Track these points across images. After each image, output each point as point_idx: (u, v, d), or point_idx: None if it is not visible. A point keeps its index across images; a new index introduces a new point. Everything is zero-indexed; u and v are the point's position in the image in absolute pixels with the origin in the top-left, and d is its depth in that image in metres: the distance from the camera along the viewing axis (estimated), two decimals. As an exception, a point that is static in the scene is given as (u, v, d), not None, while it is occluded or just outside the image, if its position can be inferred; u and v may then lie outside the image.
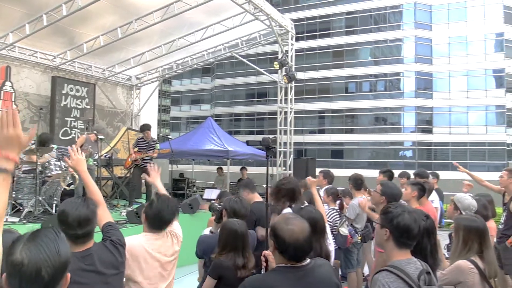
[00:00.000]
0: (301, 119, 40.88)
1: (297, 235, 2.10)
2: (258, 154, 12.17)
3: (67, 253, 1.45)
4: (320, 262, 2.30)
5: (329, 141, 41.78)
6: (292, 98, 11.79)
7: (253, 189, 4.75)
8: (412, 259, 2.22)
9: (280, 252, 2.13)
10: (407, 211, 2.27)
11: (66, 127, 11.02)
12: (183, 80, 54.76)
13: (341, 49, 41.74)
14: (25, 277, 1.36)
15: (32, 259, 1.37)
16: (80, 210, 2.25)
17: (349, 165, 36.85)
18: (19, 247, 1.39)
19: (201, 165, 29.03)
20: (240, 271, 3.00)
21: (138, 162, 8.80)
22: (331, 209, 5.50)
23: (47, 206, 7.53)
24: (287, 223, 2.15)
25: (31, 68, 10.68)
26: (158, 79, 14.12)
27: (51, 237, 1.45)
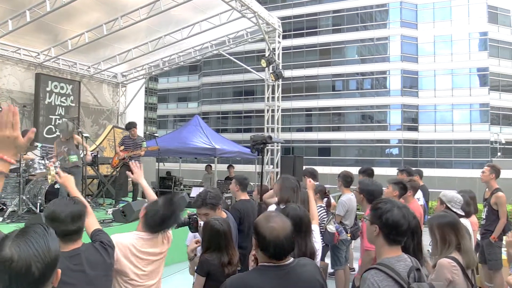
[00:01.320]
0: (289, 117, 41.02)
1: (277, 233, 2.08)
2: (245, 152, 12.16)
3: (57, 248, 1.44)
4: (304, 261, 2.29)
5: (316, 139, 42.00)
6: (279, 96, 11.80)
7: (245, 187, 4.75)
8: (402, 256, 2.22)
9: (261, 250, 2.12)
10: (396, 207, 2.26)
11: (50, 125, 10.87)
12: (170, 78, 54.45)
13: (328, 47, 41.94)
14: (14, 273, 1.33)
15: (21, 255, 1.35)
16: (72, 207, 2.26)
17: (336, 163, 37.11)
18: (8, 244, 1.37)
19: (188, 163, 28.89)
20: (226, 268, 3.02)
21: (125, 160, 8.71)
22: (319, 206, 5.51)
23: (31, 205, 7.41)
24: (268, 221, 2.14)
25: (14, 65, 10.49)
26: (145, 76, 14.01)
27: (40, 232, 1.43)
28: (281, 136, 11.94)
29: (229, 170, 13.01)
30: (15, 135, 1.57)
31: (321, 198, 5.63)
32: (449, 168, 36.16)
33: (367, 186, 4.12)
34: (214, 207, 3.59)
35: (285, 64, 13.60)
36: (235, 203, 4.87)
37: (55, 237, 1.47)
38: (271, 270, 2.10)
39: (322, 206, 5.55)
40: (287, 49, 36.97)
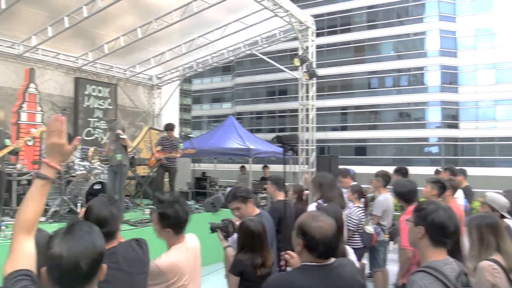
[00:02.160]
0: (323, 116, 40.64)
1: (325, 232, 2.09)
2: (280, 152, 12.12)
3: (102, 244, 1.52)
4: (345, 261, 2.29)
5: (352, 138, 41.40)
6: (314, 95, 11.69)
7: (282, 187, 4.72)
8: (449, 260, 2.15)
9: (309, 250, 2.11)
10: (441, 208, 2.21)
11: (89, 127, 11.22)
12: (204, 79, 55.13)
13: (363, 44, 41.27)
14: (65, 269, 1.42)
15: (70, 251, 1.43)
16: (101, 211, 2.29)
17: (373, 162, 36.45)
18: (56, 242, 1.46)
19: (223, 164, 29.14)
20: (259, 270, 3.03)
21: (162, 161, 8.88)
22: (356, 206, 5.43)
23: (72, 205, 7.68)
24: (315, 220, 2.14)
25: (54, 69, 10.89)
26: (179, 78, 14.22)
27: (86, 230, 1.52)
28: (316, 135, 11.83)
29: (264, 171, 13.02)
30: (62, 142, 1.65)
31: (359, 198, 5.54)
32: (492, 167, 34.79)
33: (399, 188, 4.07)
34: (245, 200, 3.62)
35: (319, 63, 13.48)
36: (273, 203, 4.86)
37: (99, 233, 1.55)
38: (315, 270, 2.10)
39: (360, 207, 5.45)
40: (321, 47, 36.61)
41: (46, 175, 1.62)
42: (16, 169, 7.59)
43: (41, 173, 1.63)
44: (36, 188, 1.61)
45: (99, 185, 8.10)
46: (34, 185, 1.62)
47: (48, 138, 1.65)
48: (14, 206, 7.27)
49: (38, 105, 9.34)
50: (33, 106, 9.23)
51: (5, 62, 9.76)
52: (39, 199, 1.61)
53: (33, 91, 9.29)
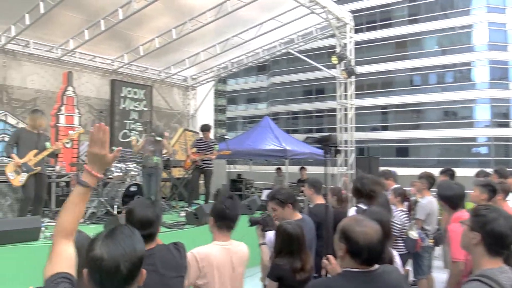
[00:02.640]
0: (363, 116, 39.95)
1: (371, 237, 2.05)
2: (317, 153, 12.03)
3: (142, 248, 1.57)
4: (390, 268, 2.24)
5: (393, 138, 40.53)
6: (352, 93, 11.54)
7: (319, 190, 4.69)
8: (504, 268, 2.07)
9: (352, 255, 2.08)
10: (503, 217, 2.12)
11: (125, 129, 11.52)
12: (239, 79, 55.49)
13: (404, 39, 40.32)
14: (105, 272, 1.47)
15: (111, 254, 1.49)
16: (145, 212, 2.37)
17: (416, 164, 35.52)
18: (98, 244, 1.52)
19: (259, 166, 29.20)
20: (298, 274, 3.00)
21: (197, 163, 9.00)
22: (399, 210, 5.30)
23: (109, 207, 7.91)
24: (360, 225, 2.10)
25: (91, 72, 11.26)
26: (214, 78, 14.38)
27: (127, 233, 1.57)
28: (355, 136, 11.67)
29: (301, 172, 12.95)
30: (104, 152, 1.73)
31: (402, 201, 5.42)
32: (549, 168, 33.14)
33: (444, 191, 3.86)
34: (282, 204, 3.63)
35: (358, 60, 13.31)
36: (311, 207, 4.84)
37: (140, 237, 1.60)
38: (357, 276, 2.06)
39: (403, 211, 5.33)
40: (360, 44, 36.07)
41: (87, 182, 1.71)
42: (55, 171, 7.90)
43: (82, 180, 1.72)
44: (76, 194, 1.70)
45: (135, 187, 8.31)
46: (75, 191, 1.71)
47: (90, 147, 1.73)
48: (53, 208, 7.57)
49: (75, 107, 9.68)
50: (71, 109, 9.57)
51: (44, 66, 10.19)
52: (79, 205, 1.69)
53: (70, 94, 9.64)
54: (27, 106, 9.70)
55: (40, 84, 10.09)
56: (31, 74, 9.98)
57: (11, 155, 6.51)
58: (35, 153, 6.64)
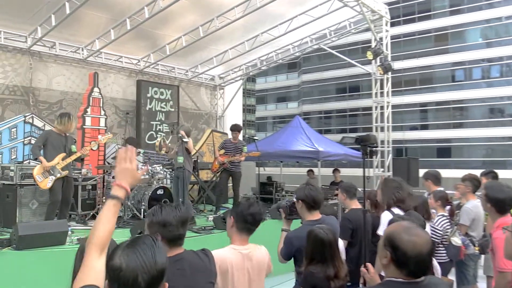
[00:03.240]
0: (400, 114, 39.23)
1: (420, 248, 1.97)
2: (352, 154, 11.90)
3: (163, 261, 1.57)
4: (435, 280, 2.18)
5: (434, 138, 39.63)
6: (389, 90, 11.38)
7: (353, 195, 4.64)
8: None
9: (398, 265, 2.02)
10: None
11: (152, 131, 11.71)
12: (268, 77, 55.52)
13: (445, 32, 39.36)
14: (123, 282, 1.50)
15: (129, 264, 1.51)
16: (181, 211, 2.42)
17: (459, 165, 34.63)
18: (118, 253, 1.55)
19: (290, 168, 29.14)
20: (333, 282, 2.97)
21: (226, 165, 9.04)
22: (440, 215, 5.17)
23: (135, 211, 8.05)
24: (408, 233, 2.03)
25: (117, 73, 11.51)
26: (242, 77, 14.45)
27: (148, 244, 1.58)
28: (392, 136, 11.50)
29: (335, 175, 12.82)
30: (132, 168, 1.88)
31: (443, 206, 5.28)
32: None
33: (495, 193, 3.68)
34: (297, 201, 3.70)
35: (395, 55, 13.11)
36: (345, 212, 4.79)
37: (163, 250, 1.60)
38: (402, 287, 2.01)
39: (445, 216, 5.19)
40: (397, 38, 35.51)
41: (117, 195, 1.78)
42: (81, 174, 8.09)
43: (113, 193, 1.79)
44: (108, 208, 1.76)
45: (161, 190, 8.41)
46: (106, 205, 1.77)
47: (119, 164, 1.86)
48: (80, 211, 7.75)
49: (101, 109, 9.88)
50: (97, 110, 9.77)
51: (69, 67, 10.49)
52: (111, 218, 1.74)
53: (97, 95, 9.85)
54: (53, 108, 10.01)
55: (66, 85, 10.39)
56: (57, 75, 10.30)
57: (39, 158, 6.70)
58: (63, 156, 6.83)
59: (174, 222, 2.35)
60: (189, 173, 8.26)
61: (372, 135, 4.62)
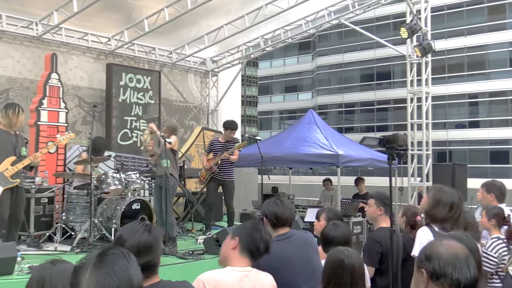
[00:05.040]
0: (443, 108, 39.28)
1: (473, 275, 2.06)
2: (381, 159, 11.88)
3: (140, 280, 1.59)
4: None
5: (487, 139, 39.60)
6: (429, 78, 11.37)
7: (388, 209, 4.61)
8: None
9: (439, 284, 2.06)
10: None
11: (126, 128, 11.67)
12: (274, 61, 55.59)
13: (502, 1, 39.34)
14: None
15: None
16: (141, 236, 2.41)
17: (519, 173, 34.62)
18: (85, 277, 1.54)
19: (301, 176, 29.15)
20: None
21: (213, 170, 9.04)
22: (495, 238, 5.16)
23: (104, 230, 8.05)
24: (449, 246, 2.13)
25: (81, 54, 11.49)
26: (241, 61, 14.43)
27: (121, 263, 1.58)
28: (433, 135, 11.45)
29: (358, 185, 12.80)
30: None
31: (498, 226, 5.27)
32: None
33: None
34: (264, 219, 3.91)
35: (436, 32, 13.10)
36: (372, 232, 4.78)
37: (137, 266, 1.61)
38: None
39: (500, 238, 5.18)
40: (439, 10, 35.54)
41: None
42: (34, 184, 8.05)
43: None
44: None
45: (137, 204, 8.40)
46: None
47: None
48: (32, 232, 7.72)
49: (61, 100, 9.86)
50: (55, 103, 9.74)
51: (20, 47, 10.45)
52: None
53: (55, 83, 9.82)
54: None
55: (14, 70, 10.33)
56: (3, 57, 10.23)
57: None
58: (12, 160, 6.73)
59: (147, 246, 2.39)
60: (175, 181, 8.25)
61: (401, 135, 4.61)
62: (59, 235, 7.82)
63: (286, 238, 3.75)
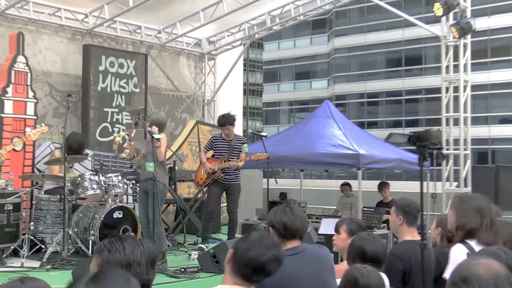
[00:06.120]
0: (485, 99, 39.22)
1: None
2: (410, 160, 11.88)
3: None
4: None
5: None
6: (468, 63, 11.34)
7: (414, 219, 4.60)
8: None
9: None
10: None
11: (106, 122, 11.67)
12: (282, 42, 55.53)
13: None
14: None
15: None
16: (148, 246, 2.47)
17: None
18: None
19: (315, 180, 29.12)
20: None
21: (217, 175, 9.03)
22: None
23: (80, 243, 8.05)
24: (487, 266, 2.13)
25: (53, 33, 11.47)
26: (243, 42, 14.42)
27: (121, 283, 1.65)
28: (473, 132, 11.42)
29: (383, 191, 12.78)
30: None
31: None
32: None
33: None
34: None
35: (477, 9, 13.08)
36: (395, 246, 4.78)
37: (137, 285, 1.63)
38: None
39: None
40: (479, -17, 35.41)
41: None
42: (-4, 188, 8.05)
43: None
44: None
45: (119, 213, 8.41)
46: None
47: None
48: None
49: (29, 88, 9.87)
50: (22, 91, 9.75)
51: (-21, 25, 10.48)
52: None
53: (22, 67, 9.83)
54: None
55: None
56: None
57: None
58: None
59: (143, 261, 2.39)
60: (164, 186, 8.24)
61: (434, 131, 4.58)
62: (27, 249, 7.74)
63: (296, 253, 3.69)
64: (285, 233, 3.74)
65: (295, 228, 3.77)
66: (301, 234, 3.83)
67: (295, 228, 3.77)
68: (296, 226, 3.78)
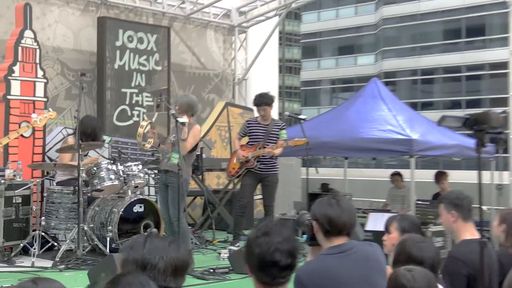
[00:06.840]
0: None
1: None
2: (471, 146, 11.74)
3: None
4: None
5: None
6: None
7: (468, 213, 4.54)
8: None
9: None
10: None
11: (124, 104, 11.71)
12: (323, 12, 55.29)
13: None
14: None
15: None
16: (179, 250, 2.49)
17: None
18: None
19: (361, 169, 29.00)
20: None
21: (251, 164, 9.01)
22: None
23: (96, 240, 8.12)
24: None
25: (64, 4, 11.53)
26: (278, 12, 14.37)
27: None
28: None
29: (440, 182, 12.68)
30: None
31: None
32: None
33: None
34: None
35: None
36: (454, 247, 4.73)
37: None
38: None
39: None
40: None
41: None
42: (4, 179, 8.09)
43: None
44: None
45: (140, 206, 8.46)
46: None
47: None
48: (1, 242, 7.75)
49: (38, 67, 9.94)
50: (30, 70, 9.82)
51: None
52: None
53: (30, 43, 9.89)
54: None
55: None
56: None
57: None
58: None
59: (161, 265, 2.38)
60: (185, 180, 8.13)
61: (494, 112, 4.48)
62: (37, 247, 7.82)
63: (342, 251, 3.62)
64: (330, 228, 3.67)
65: (342, 223, 3.69)
66: (349, 230, 3.74)
67: (342, 222, 3.69)
68: (344, 221, 3.70)
